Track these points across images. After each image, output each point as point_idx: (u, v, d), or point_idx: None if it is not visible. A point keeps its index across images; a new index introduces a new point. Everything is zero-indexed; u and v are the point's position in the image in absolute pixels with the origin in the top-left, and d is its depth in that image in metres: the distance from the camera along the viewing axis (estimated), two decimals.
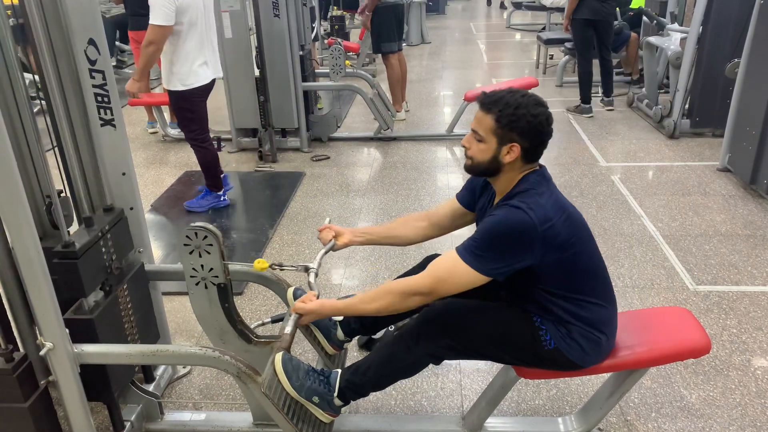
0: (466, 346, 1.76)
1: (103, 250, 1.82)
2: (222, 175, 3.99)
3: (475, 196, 1.93)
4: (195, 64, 3.46)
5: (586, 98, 5.72)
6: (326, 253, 2.01)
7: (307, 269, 1.92)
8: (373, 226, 2.13)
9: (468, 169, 1.75)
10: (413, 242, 2.07)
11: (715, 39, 4.64)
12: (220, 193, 4.00)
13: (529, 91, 1.68)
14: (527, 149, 1.64)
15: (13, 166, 1.40)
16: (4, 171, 1.38)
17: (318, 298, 1.79)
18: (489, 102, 1.64)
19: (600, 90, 5.93)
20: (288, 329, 1.70)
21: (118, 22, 7.45)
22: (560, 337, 1.71)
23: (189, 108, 3.59)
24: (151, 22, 3.24)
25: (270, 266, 1.92)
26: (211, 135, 5.17)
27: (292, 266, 1.94)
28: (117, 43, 8.12)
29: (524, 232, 1.57)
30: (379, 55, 5.83)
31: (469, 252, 1.62)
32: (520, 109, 1.60)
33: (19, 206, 1.43)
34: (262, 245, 3.49)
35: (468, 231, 1.86)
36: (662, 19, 5.79)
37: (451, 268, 1.64)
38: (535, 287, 1.70)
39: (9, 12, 1.76)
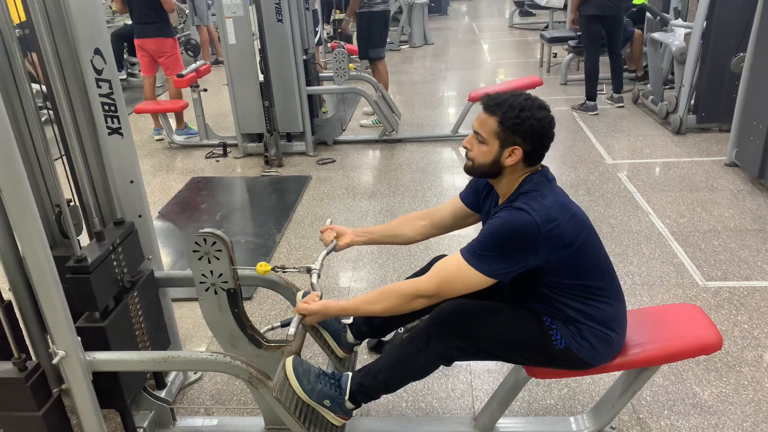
0: (476, 347, 1.76)
1: (115, 263, 1.83)
2: None
3: (480, 198, 1.93)
4: None
5: (591, 95, 5.70)
6: (328, 253, 2.02)
7: (309, 270, 1.93)
8: (374, 226, 2.13)
9: (469, 170, 1.75)
10: (414, 241, 2.07)
11: (720, 33, 4.62)
12: None
13: (531, 94, 1.68)
14: (529, 152, 1.64)
15: (23, 176, 1.41)
16: (14, 181, 1.39)
17: (321, 298, 1.79)
18: (492, 104, 1.64)
19: (610, 86, 5.89)
20: (292, 330, 1.69)
21: (125, 35, 7.44)
22: (570, 336, 1.70)
23: None
24: None
25: (273, 269, 1.93)
26: (217, 141, 5.26)
27: (294, 268, 1.94)
28: (126, 56, 8.13)
29: (528, 234, 1.57)
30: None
31: (473, 254, 1.62)
32: (524, 112, 1.60)
33: (30, 216, 1.44)
34: (270, 250, 3.50)
35: (473, 230, 1.85)
36: (666, 14, 5.77)
37: (455, 270, 1.63)
38: (542, 287, 1.69)
39: (16, 22, 1.78)
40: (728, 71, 4.46)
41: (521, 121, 1.60)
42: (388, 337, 2.44)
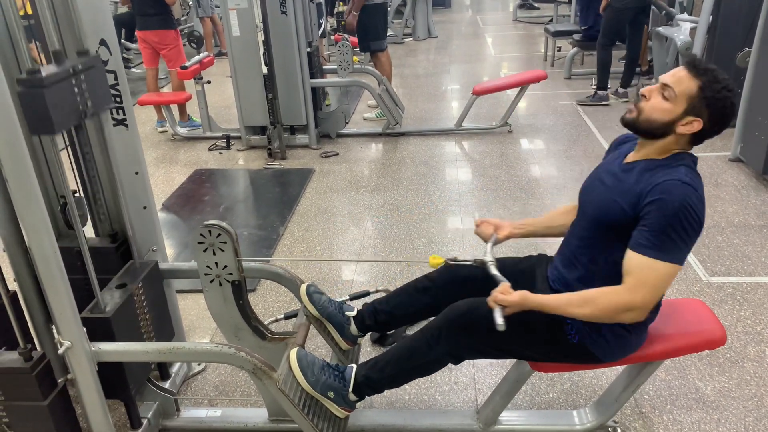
0: (488, 345, 1.75)
1: (76, 89, 1.61)
2: None
3: None
4: None
5: (603, 85, 5.67)
6: (493, 246, 1.93)
7: (484, 263, 1.82)
8: (531, 218, 2.06)
9: (629, 121, 1.62)
10: None
11: (726, 28, 4.59)
12: None
13: None
14: (704, 131, 1.55)
15: (29, 167, 1.41)
16: (20, 172, 1.39)
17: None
18: (702, 67, 1.53)
19: (616, 80, 5.87)
20: (499, 321, 1.59)
21: (124, 20, 7.50)
22: (587, 332, 1.69)
23: None
24: None
25: (445, 261, 1.85)
26: (221, 133, 5.26)
27: (467, 261, 1.85)
28: (122, 41, 8.16)
29: (700, 211, 1.51)
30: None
31: (660, 249, 1.50)
32: (727, 91, 1.51)
33: (36, 207, 1.44)
34: (273, 242, 3.51)
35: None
36: (671, 9, 5.74)
37: (653, 273, 1.51)
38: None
39: (21, 12, 1.77)
40: (734, 66, 4.43)
41: (721, 98, 1.51)
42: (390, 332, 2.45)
